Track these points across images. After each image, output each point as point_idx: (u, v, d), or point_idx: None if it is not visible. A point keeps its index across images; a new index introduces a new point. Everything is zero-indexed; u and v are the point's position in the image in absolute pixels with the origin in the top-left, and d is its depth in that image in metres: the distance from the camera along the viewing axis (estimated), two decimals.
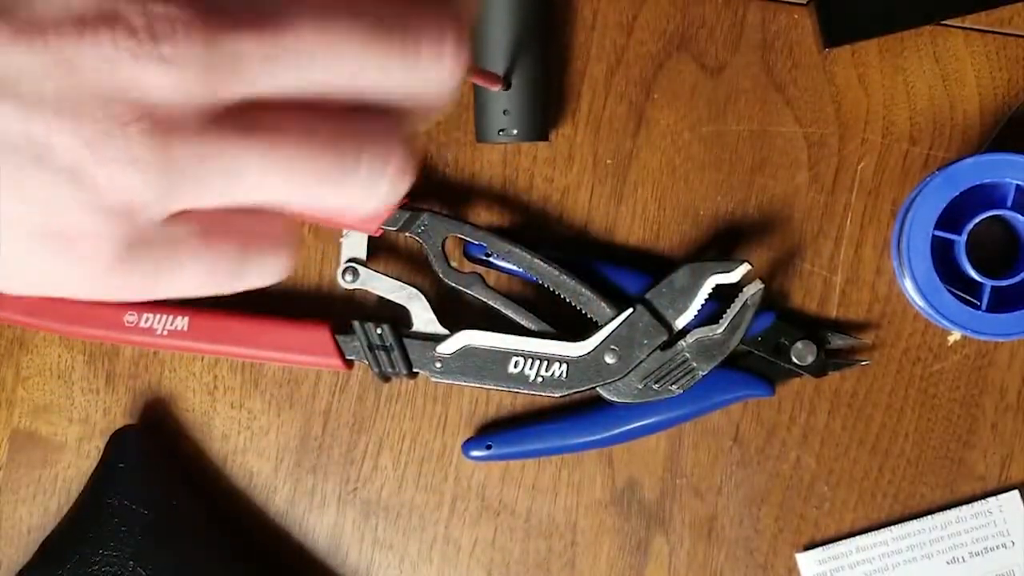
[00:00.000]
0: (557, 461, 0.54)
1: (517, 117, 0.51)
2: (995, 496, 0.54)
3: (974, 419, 0.54)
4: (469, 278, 0.52)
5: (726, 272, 0.50)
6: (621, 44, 0.54)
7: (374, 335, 0.51)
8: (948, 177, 0.50)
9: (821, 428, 0.54)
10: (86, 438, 0.54)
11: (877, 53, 0.53)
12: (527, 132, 0.52)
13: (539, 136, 0.52)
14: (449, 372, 0.51)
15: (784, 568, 0.54)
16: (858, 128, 0.54)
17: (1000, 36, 0.53)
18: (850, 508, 0.54)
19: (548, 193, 0.54)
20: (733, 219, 0.54)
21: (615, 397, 0.51)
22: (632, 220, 0.54)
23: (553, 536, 0.54)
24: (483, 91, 0.51)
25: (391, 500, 0.54)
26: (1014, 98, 0.53)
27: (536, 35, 0.51)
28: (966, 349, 0.54)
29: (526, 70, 0.51)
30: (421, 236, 0.51)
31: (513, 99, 0.51)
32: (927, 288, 0.50)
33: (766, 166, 0.54)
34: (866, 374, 0.54)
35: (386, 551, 0.54)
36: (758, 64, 0.54)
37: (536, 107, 0.52)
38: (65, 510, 0.53)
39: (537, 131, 0.52)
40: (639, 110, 0.54)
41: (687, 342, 0.51)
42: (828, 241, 0.54)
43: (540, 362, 0.51)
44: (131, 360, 0.54)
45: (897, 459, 0.54)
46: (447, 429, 0.54)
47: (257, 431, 0.54)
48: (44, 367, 0.54)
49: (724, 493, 0.54)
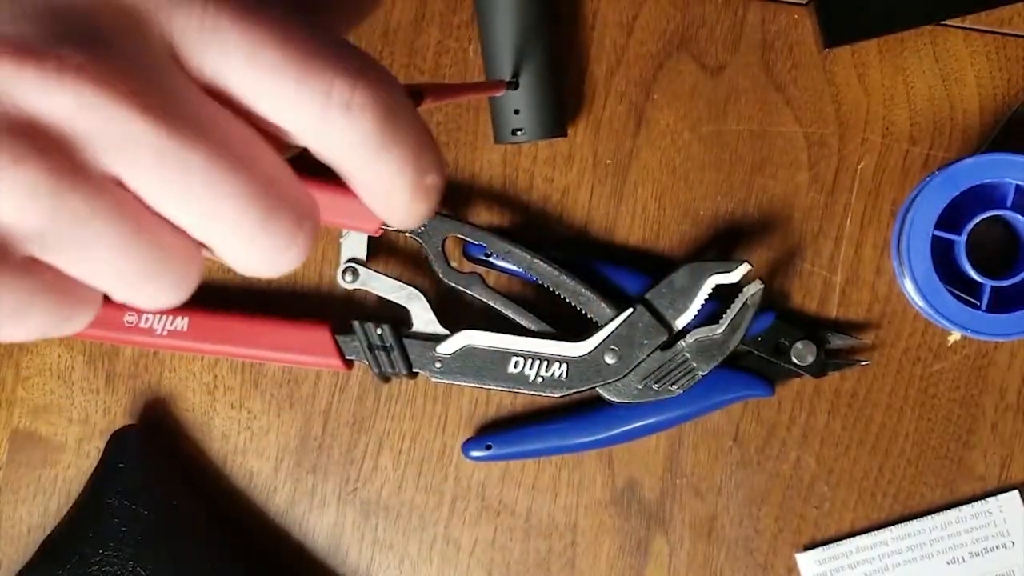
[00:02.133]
0: (557, 461, 0.54)
1: (530, 116, 0.51)
2: (995, 496, 0.54)
3: (974, 419, 0.54)
4: (469, 278, 0.52)
5: (726, 272, 0.50)
6: (621, 44, 0.54)
7: (374, 335, 0.51)
8: (948, 177, 0.50)
9: (821, 428, 0.54)
10: (86, 438, 0.54)
11: (877, 53, 0.53)
12: (541, 130, 0.51)
13: (555, 132, 0.51)
14: (449, 372, 0.51)
15: (784, 568, 0.54)
16: (858, 128, 0.54)
17: (1000, 36, 0.53)
18: (850, 508, 0.54)
19: (548, 193, 0.54)
20: (733, 219, 0.54)
21: (615, 397, 0.51)
22: (632, 220, 0.54)
23: (553, 536, 0.54)
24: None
25: (391, 500, 0.54)
26: (1014, 98, 0.53)
27: (542, 31, 0.51)
28: (966, 349, 0.54)
29: (534, 67, 0.50)
30: (421, 236, 0.51)
31: (524, 98, 0.51)
32: (927, 288, 0.50)
33: (766, 166, 0.54)
34: (866, 374, 0.54)
35: (386, 551, 0.54)
36: (758, 64, 0.54)
37: (549, 103, 0.51)
38: (65, 510, 0.53)
39: (552, 127, 0.51)
40: (639, 110, 0.54)
41: (687, 342, 0.51)
42: (828, 241, 0.54)
43: (540, 362, 0.51)
44: (131, 360, 0.54)
45: (897, 459, 0.54)
46: (447, 429, 0.54)
47: (257, 431, 0.54)
48: (44, 367, 0.54)
49: (724, 493, 0.54)
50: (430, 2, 0.54)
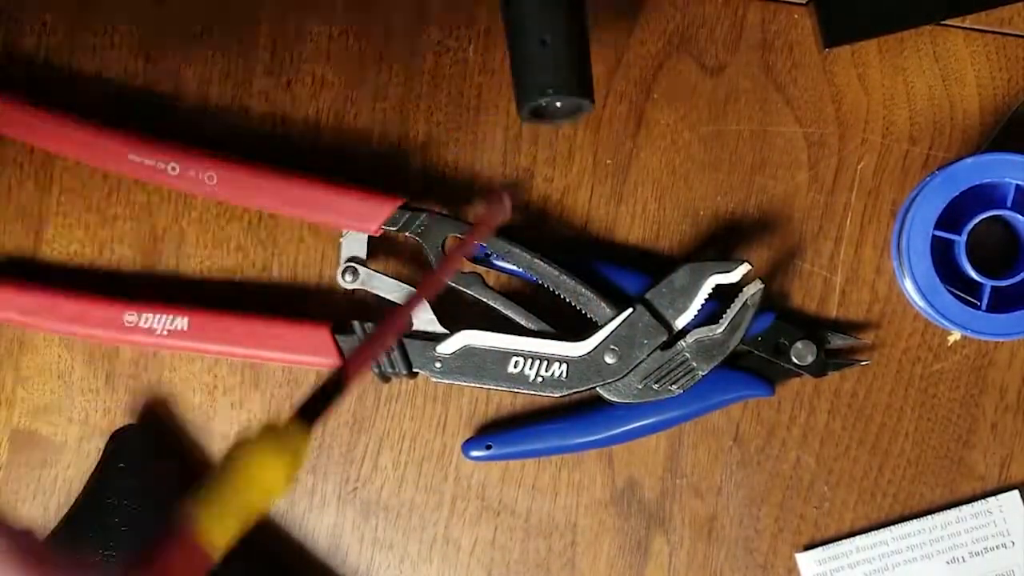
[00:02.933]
0: (557, 461, 0.54)
1: (560, 75, 0.46)
2: (995, 496, 0.54)
3: (974, 419, 0.54)
4: (469, 278, 0.52)
5: (726, 272, 0.50)
6: (621, 44, 0.54)
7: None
8: (948, 177, 0.50)
9: (821, 428, 0.54)
10: (86, 438, 0.54)
11: (877, 53, 0.54)
12: (572, 90, 0.46)
13: (583, 93, 0.47)
14: (449, 372, 0.51)
15: (784, 568, 0.54)
16: (858, 128, 0.54)
17: (1000, 36, 0.53)
18: (850, 508, 0.54)
19: (548, 193, 0.54)
20: (733, 219, 0.54)
21: (615, 397, 0.51)
22: (632, 220, 0.54)
23: (553, 536, 0.54)
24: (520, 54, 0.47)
25: (391, 500, 0.54)
26: (1014, 98, 0.54)
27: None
28: (966, 349, 0.54)
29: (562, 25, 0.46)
30: (421, 236, 0.51)
31: (553, 57, 0.46)
32: (927, 288, 0.50)
33: (766, 166, 0.54)
34: (866, 374, 0.54)
35: (386, 551, 0.54)
36: (758, 64, 0.54)
37: (579, 63, 0.47)
38: (65, 510, 0.53)
39: (581, 88, 0.47)
40: (639, 110, 0.54)
41: (687, 342, 0.51)
42: (828, 241, 0.54)
43: (540, 362, 0.51)
44: (131, 360, 0.54)
45: (897, 459, 0.54)
46: (447, 429, 0.54)
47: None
48: (44, 367, 0.54)
49: (724, 493, 0.54)
50: (430, 2, 0.54)
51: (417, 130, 0.54)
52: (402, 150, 0.54)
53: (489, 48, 0.54)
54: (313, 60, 0.54)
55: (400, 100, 0.54)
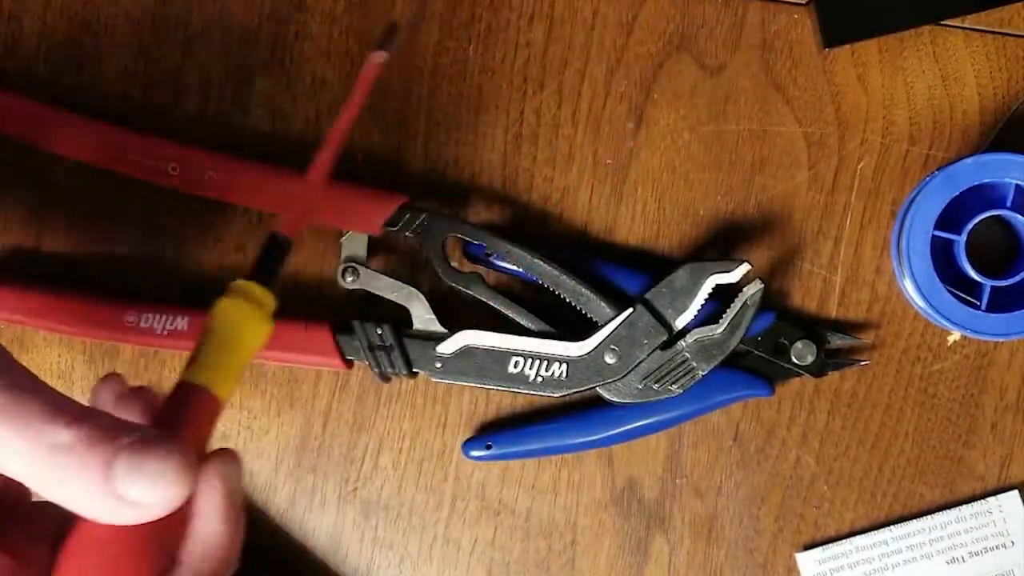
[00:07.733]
0: (557, 461, 0.54)
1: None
2: (995, 496, 0.54)
3: (974, 419, 0.54)
4: (469, 278, 0.52)
5: (726, 272, 0.50)
6: (621, 44, 0.54)
7: (374, 335, 0.51)
8: (948, 177, 0.50)
9: (821, 428, 0.54)
10: None
11: (877, 53, 0.54)
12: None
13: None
14: (449, 372, 0.51)
15: (784, 568, 0.54)
16: (858, 128, 0.54)
17: (1000, 36, 0.53)
18: (850, 508, 0.54)
19: (548, 193, 0.54)
20: (733, 219, 0.54)
21: (615, 397, 0.51)
22: (632, 220, 0.54)
23: (553, 536, 0.54)
24: None
25: (391, 500, 0.54)
26: (1014, 98, 0.54)
27: None
28: (966, 349, 0.54)
29: None
30: (421, 236, 0.51)
31: None
32: (927, 288, 0.50)
33: (766, 166, 0.54)
34: (866, 374, 0.54)
35: (386, 551, 0.54)
36: (758, 64, 0.54)
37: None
38: None
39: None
40: (639, 110, 0.54)
41: (687, 342, 0.51)
42: (828, 241, 0.54)
43: (540, 362, 0.51)
44: (131, 360, 0.54)
45: (897, 459, 0.54)
46: (447, 429, 0.54)
47: (257, 431, 0.54)
48: (44, 367, 0.54)
49: (724, 493, 0.54)
50: (430, 2, 0.54)
51: (417, 130, 0.54)
52: (402, 150, 0.54)
53: (489, 48, 0.54)
54: (313, 60, 0.54)
55: (400, 100, 0.54)
